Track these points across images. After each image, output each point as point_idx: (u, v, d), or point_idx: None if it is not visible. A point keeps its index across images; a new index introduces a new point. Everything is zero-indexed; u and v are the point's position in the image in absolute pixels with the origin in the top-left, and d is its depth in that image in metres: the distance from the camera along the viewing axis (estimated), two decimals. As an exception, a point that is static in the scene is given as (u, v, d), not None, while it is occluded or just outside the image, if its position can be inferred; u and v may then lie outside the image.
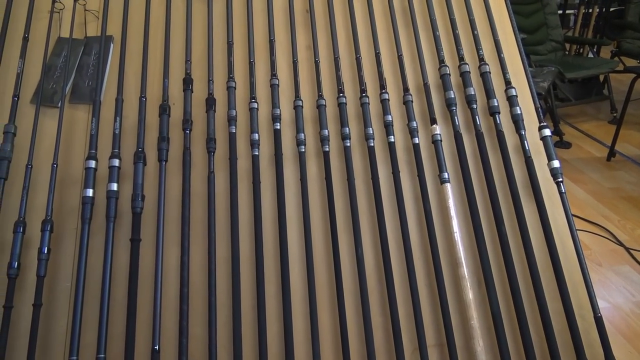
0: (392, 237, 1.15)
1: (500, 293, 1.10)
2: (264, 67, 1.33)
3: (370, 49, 1.34)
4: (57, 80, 1.29)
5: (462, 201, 1.19)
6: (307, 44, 1.36)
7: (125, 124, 1.21)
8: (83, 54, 1.33)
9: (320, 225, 1.18)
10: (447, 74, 1.27)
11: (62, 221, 1.15)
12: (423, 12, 1.39)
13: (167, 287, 1.10)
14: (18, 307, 1.04)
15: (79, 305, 1.00)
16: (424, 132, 1.26)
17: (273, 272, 1.13)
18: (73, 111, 1.27)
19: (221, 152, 1.21)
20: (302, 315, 1.11)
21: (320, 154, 1.23)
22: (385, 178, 1.21)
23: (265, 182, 1.19)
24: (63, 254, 1.13)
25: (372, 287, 1.14)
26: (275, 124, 1.22)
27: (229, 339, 1.06)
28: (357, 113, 1.28)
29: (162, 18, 1.33)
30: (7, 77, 1.24)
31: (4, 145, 1.11)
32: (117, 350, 1.04)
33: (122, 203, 1.13)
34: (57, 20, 1.35)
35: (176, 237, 1.12)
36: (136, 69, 1.28)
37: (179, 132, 1.21)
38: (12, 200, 1.13)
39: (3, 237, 1.08)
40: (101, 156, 1.14)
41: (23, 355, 0.98)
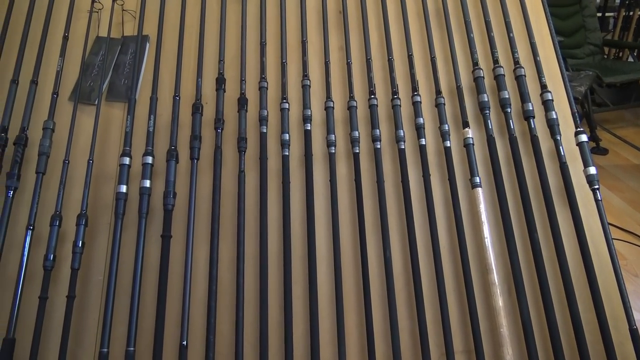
0: (421, 240, 1.14)
1: (531, 301, 1.08)
2: (296, 68, 1.33)
3: (403, 51, 1.33)
4: (95, 78, 1.32)
5: (494, 206, 1.17)
6: (340, 45, 1.36)
7: (159, 122, 1.23)
8: (120, 53, 1.36)
9: (349, 227, 1.18)
10: (481, 77, 1.25)
11: (96, 216, 1.18)
12: (457, 14, 1.37)
13: (196, 283, 1.12)
14: (52, 299, 1.07)
15: (110, 299, 1.03)
16: (455, 136, 1.25)
17: (300, 273, 1.13)
18: (109, 109, 1.30)
19: (252, 152, 1.22)
20: (329, 317, 1.10)
21: (350, 155, 1.22)
22: (416, 181, 1.20)
23: (294, 183, 1.20)
24: (96, 248, 1.16)
25: (400, 290, 1.13)
26: (306, 125, 1.22)
27: (255, 338, 1.07)
28: (388, 115, 1.28)
29: (197, 18, 1.35)
30: (47, 75, 1.28)
31: (43, 141, 1.14)
32: (146, 344, 1.06)
33: (154, 200, 1.15)
34: (96, 20, 1.39)
35: (206, 235, 1.13)
36: (171, 68, 1.30)
37: (210, 131, 1.22)
38: (49, 194, 1.16)
39: (40, 230, 1.11)
40: (135, 153, 1.16)
41: (56, 345, 1.01)
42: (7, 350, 0.97)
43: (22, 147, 1.14)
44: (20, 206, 1.15)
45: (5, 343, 0.97)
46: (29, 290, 1.06)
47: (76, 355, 1.07)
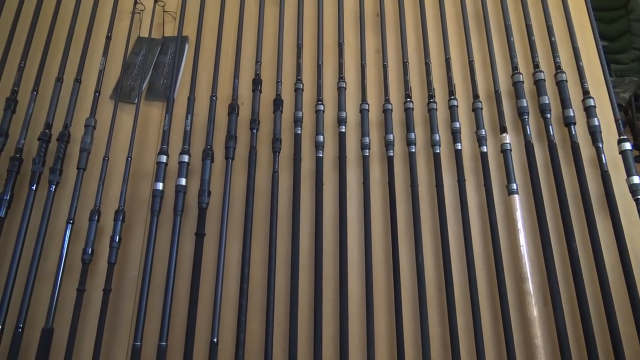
0: (454, 246, 1.13)
1: (567, 312, 1.05)
2: (332, 70, 1.33)
3: (440, 54, 1.32)
4: (135, 77, 1.35)
5: (531, 214, 1.14)
6: (376, 47, 1.36)
7: (195, 122, 1.25)
8: (160, 53, 1.39)
9: (381, 230, 1.17)
10: (521, 82, 1.22)
11: (133, 212, 1.20)
12: (497, 17, 1.35)
13: (228, 281, 1.13)
14: (89, 291, 1.09)
15: (144, 293, 1.05)
16: (492, 141, 1.22)
17: (331, 275, 1.13)
18: (148, 108, 1.33)
19: (286, 153, 1.22)
20: (359, 320, 1.10)
21: (384, 158, 1.22)
22: (450, 186, 1.18)
23: (327, 184, 1.20)
24: (132, 243, 1.19)
25: (431, 295, 1.12)
26: (341, 127, 1.22)
27: (284, 338, 1.07)
28: (424, 119, 1.26)
29: (235, 20, 1.37)
30: (90, 74, 1.32)
31: (84, 138, 1.18)
32: (178, 340, 1.07)
33: (189, 198, 1.17)
34: (138, 21, 1.42)
35: (239, 234, 1.14)
36: (208, 68, 1.32)
37: (246, 131, 1.23)
38: (89, 189, 1.20)
39: (79, 224, 1.14)
40: (172, 151, 1.18)
41: (92, 336, 1.04)
42: (45, 339, 1.00)
43: (64, 144, 1.18)
44: (61, 200, 1.19)
45: (44, 332, 1.01)
46: (67, 282, 1.09)
47: (110, 348, 1.10)
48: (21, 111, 1.22)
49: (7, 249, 1.12)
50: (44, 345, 1.00)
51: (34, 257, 1.07)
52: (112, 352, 1.10)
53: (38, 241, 1.08)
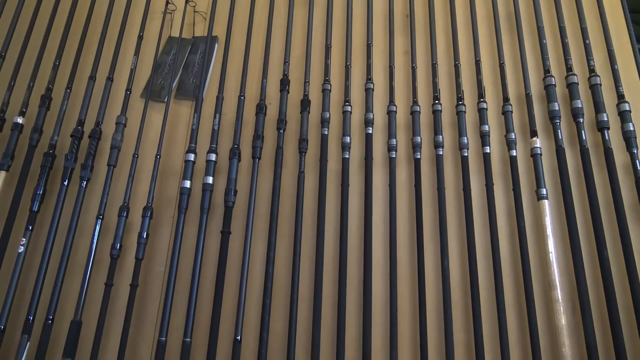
0: (481, 251, 1.11)
1: (596, 321, 1.02)
2: (360, 71, 1.33)
3: (470, 56, 1.30)
4: (165, 76, 1.37)
5: (560, 220, 1.12)
6: (405, 49, 1.35)
7: (223, 121, 1.27)
8: (190, 53, 1.41)
9: (407, 233, 1.16)
10: (553, 85, 1.20)
11: (160, 209, 1.22)
12: (530, 19, 1.33)
13: (252, 280, 1.13)
14: (117, 286, 1.11)
15: (170, 290, 1.06)
16: (522, 145, 1.20)
17: (355, 276, 1.13)
18: (177, 106, 1.35)
19: (312, 153, 1.22)
20: (382, 322, 1.09)
21: (411, 160, 1.21)
22: (478, 190, 1.17)
23: (353, 186, 1.19)
24: (159, 239, 1.20)
25: (456, 300, 1.10)
26: (368, 128, 1.22)
27: (307, 337, 1.07)
28: (452, 121, 1.25)
29: (264, 21, 1.38)
30: (122, 72, 1.34)
31: (115, 135, 1.20)
32: (202, 336, 1.08)
33: (215, 196, 1.18)
34: (169, 21, 1.44)
35: (264, 233, 1.15)
36: (237, 68, 1.33)
37: (273, 131, 1.24)
38: (118, 186, 1.22)
39: (108, 220, 1.16)
40: (200, 150, 1.20)
41: (118, 330, 1.05)
42: (74, 331, 1.02)
43: (96, 140, 1.20)
44: (92, 196, 1.21)
45: (73, 325, 1.03)
46: (96, 276, 1.12)
47: (136, 342, 1.12)
48: (55, 108, 1.25)
49: (39, 243, 1.15)
50: (72, 337, 1.02)
51: (65, 251, 1.09)
52: (137, 346, 1.12)
53: (69, 235, 1.11)
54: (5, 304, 1.05)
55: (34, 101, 1.25)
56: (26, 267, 1.12)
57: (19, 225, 1.14)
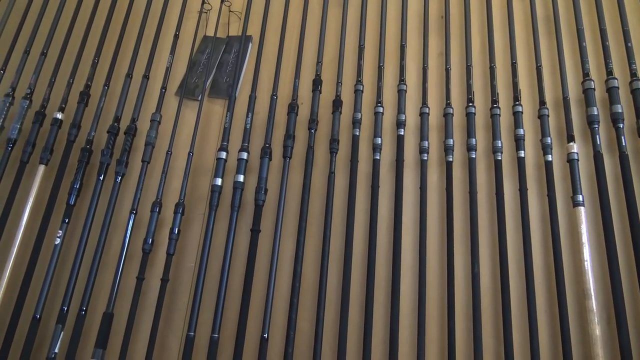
0: (512, 257, 1.09)
1: (632, 332, 0.99)
2: (393, 72, 1.32)
3: (506, 58, 1.28)
4: (200, 75, 1.39)
5: (597, 227, 1.09)
6: (439, 50, 1.33)
7: (255, 120, 1.28)
8: (224, 52, 1.42)
9: (437, 236, 1.15)
10: (592, 89, 1.16)
11: (192, 205, 1.24)
12: (569, 21, 1.29)
13: (280, 278, 1.14)
14: (148, 280, 1.13)
15: (200, 285, 1.07)
16: (558, 150, 1.17)
17: (384, 278, 1.12)
18: (210, 105, 1.37)
19: (343, 154, 1.22)
20: (409, 326, 1.08)
21: (443, 163, 1.19)
22: (511, 194, 1.14)
23: (384, 187, 1.19)
24: (190, 236, 1.22)
25: (486, 306, 1.08)
26: (399, 130, 1.21)
27: (334, 338, 1.07)
28: (486, 124, 1.23)
29: (298, 21, 1.38)
30: (158, 71, 1.37)
31: (150, 132, 1.22)
32: (229, 332, 1.10)
33: (246, 194, 1.19)
34: (204, 20, 1.46)
35: (293, 232, 1.15)
36: (270, 68, 1.34)
37: (304, 130, 1.24)
38: (151, 182, 1.24)
39: (141, 215, 1.18)
40: (231, 148, 1.21)
41: (148, 323, 1.08)
42: (106, 322, 1.04)
43: (131, 137, 1.23)
44: (126, 191, 1.24)
45: (105, 317, 1.05)
46: (128, 270, 1.14)
47: (165, 335, 1.14)
48: (93, 104, 1.28)
49: (75, 235, 1.18)
50: (104, 328, 1.04)
51: (99, 244, 1.12)
52: (166, 339, 1.13)
53: (103, 229, 1.13)
54: (41, 294, 1.08)
55: (73, 97, 1.28)
56: (62, 258, 1.15)
57: (56, 217, 1.17)
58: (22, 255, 1.14)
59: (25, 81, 1.30)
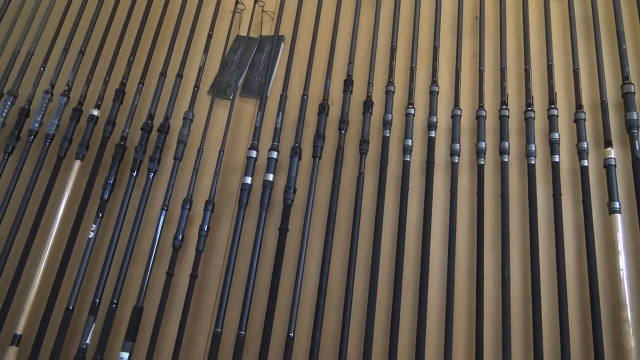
0: (544, 263, 1.07)
1: (670, 346, 0.96)
2: (425, 73, 1.31)
3: (542, 60, 1.25)
4: (232, 74, 1.40)
5: (634, 235, 1.06)
6: (473, 52, 1.32)
7: (286, 119, 1.28)
8: (256, 52, 1.43)
9: (466, 240, 1.13)
10: (631, 93, 1.13)
11: (221, 203, 1.25)
12: (608, 22, 1.26)
13: (307, 278, 1.14)
14: (177, 275, 1.15)
15: (227, 282, 1.08)
16: (595, 155, 1.14)
17: (411, 281, 1.11)
18: (242, 104, 1.38)
19: (373, 155, 1.22)
20: (437, 330, 1.07)
21: (474, 166, 1.17)
22: (544, 199, 1.12)
23: (413, 189, 1.18)
24: (219, 233, 1.23)
25: (516, 313, 1.06)
26: (431, 132, 1.20)
27: (360, 339, 1.06)
28: (520, 127, 1.21)
29: (330, 21, 1.38)
30: (191, 69, 1.39)
31: (182, 130, 1.24)
32: (256, 330, 1.10)
33: (275, 193, 1.19)
34: (238, 20, 1.47)
35: (321, 232, 1.15)
36: (302, 68, 1.34)
37: (334, 131, 1.24)
38: (183, 179, 1.26)
39: (172, 211, 1.20)
40: (262, 147, 1.22)
41: (176, 318, 1.09)
42: (136, 316, 1.06)
43: (164, 134, 1.25)
44: (158, 188, 1.26)
45: (135, 310, 1.07)
46: (158, 265, 1.16)
47: (193, 330, 1.15)
48: (128, 102, 1.31)
49: (108, 230, 1.21)
50: (134, 321, 1.06)
51: (130, 239, 1.14)
52: (194, 335, 1.15)
53: (135, 224, 1.15)
54: (75, 286, 1.11)
55: (108, 95, 1.31)
56: (95, 252, 1.17)
57: (90, 212, 1.20)
58: (57, 247, 1.17)
59: (63, 78, 1.34)
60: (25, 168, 1.23)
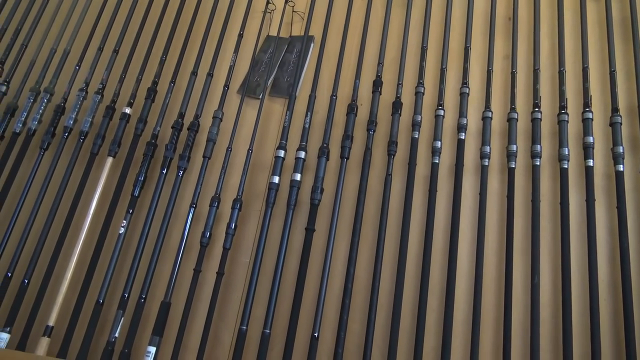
0: (576, 270, 1.04)
1: None
2: (456, 75, 1.29)
3: (577, 62, 1.22)
4: (261, 74, 1.41)
5: (671, 244, 1.02)
6: (505, 53, 1.29)
7: (314, 119, 1.28)
8: (286, 52, 1.44)
9: (495, 244, 1.12)
10: (671, 96, 1.10)
11: (249, 202, 1.26)
12: (648, 24, 1.22)
13: (333, 278, 1.14)
14: (204, 272, 1.16)
15: (254, 281, 1.09)
16: (631, 160, 1.11)
17: (438, 285, 1.10)
18: (271, 103, 1.39)
19: (401, 156, 1.21)
20: (463, 334, 1.06)
21: (505, 169, 1.15)
22: (577, 205, 1.10)
23: (442, 192, 1.16)
24: (246, 231, 1.24)
25: (545, 320, 1.04)
26: (460, 134, 1.18)
27: (384, 342, 1.06)
28: (552, 131, 1.18)
29: (360, 21, 1.38)
30: (221, 69, 1.40)
31: (211, 128, 1.25)
32: (280, 329, 1.11)
33: (302, 193, 1.19)
34: (268, 20, 1.48)
35: (347, 233, 1.15)
36: (331, 68, 1.34)
37: (362, 131, 1.24)
38: (211, 177, 1.27)
39: (200, 209, 1.22)
40: (290, 147, 1.22)
41: (203, 314, 1.10)
42: (163, 311, 1.08)
43: (194, 133, 1.26)
44: (187, 185, 1.28)
45: (163, 305, 1.09)
46: (186, 262, 1.17)
47: (218, 327, 1.16)
48: (159, 100, 1.33)
49: (137, 226, 1.23)
50: (162, 316, 1.08)
51: (159, 236, 1.16)
52: (219, 331, 1.16)
53: (164, 221, 1.17)
54: (105, 280, 1.13)
55: (141, 93, 1.34)
56: (125, 247, 1.20)
57: (121, 208, 1.22)
58: (89, 242, 1.19)
59: (97, 77, 1.37)
60: (60, 164, 1.27)
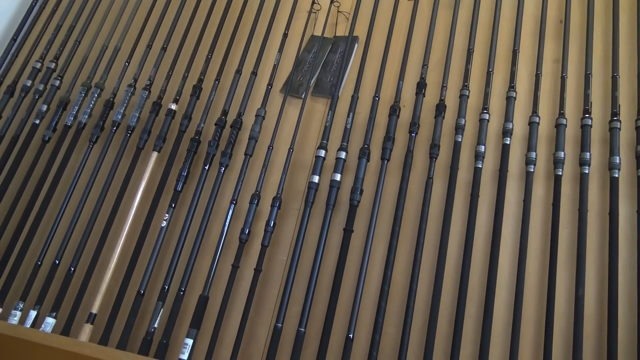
0: (624, 284, 1.00)
1: None
2: (502, 78, 1.26)
3: (632, 67, 1.17)
4: (305, 74, 1.42)
5: None
6: (555, 56, 1.26)
7: (356, 120, 1.28)
8: (330, 52, 1.44)
9: (538, 254, 1.08)
10: None
11: (288, 200, 1.27)
12: None
13: (370, 280, 1.13)
14: (242, 269, 1.18)
15: (290, 279, 1.09)
16: (687, 170, 1.06)
17: (477, 292, 1.08)
18: (313, 103, 1.39)
19: (443, 159, 1.19)
20: (501, 345, 1.03)
21: (551, 176, 1.12)
22: (627, 215, 1.05)
23: (484, 197, 1.14)
24: (284, 230, 1.25)
25: (589, 334, 1.00)
26: (505, 139, 1.15)
27: (420, 347, 1.04)
28: (603, 138, 1.14)
29: (406, 22, 1.37)
30: (265, 68, 1.41)
31: (254, 126, 1.27)
32: (315, 328, 1.11)
33: (341, 193, 1.19)
34: (313, 20, 1.49)
35: (385, 235, 1.14)
36: (374, 69, 1.34)
37: (404, 133, 1.23)
38: (252, 175, 1.29)
39: (240, 206, 1.23)
40: (330, 147, 1.22)
41: (239, 310, 1.11)
42: (201, 304, 1.10)
43: (236, 130, 1.28)
44: (228, 182, 1.30)
45: (201, 299, 1.11)
46: (224, 257, 1.19)
47: (254, 323, 1.17)
48: (204, 98, 1.35)
49: (179, 220, 1.25)
50: (199, 310, 1.10)
51: (200, 230, 1.18)
52: (255, 327, 1.17)
53: (205, 216, 1.19)
54: (146, 272, 1.16)
55: (186, 90, 1.36)
56: (166, 240, 1.22)
57: (164, 202, 1.25)
58: (132, 234, 1.23)
59: (145, 73, 1.41)
60: (107, 157, 1.31)
